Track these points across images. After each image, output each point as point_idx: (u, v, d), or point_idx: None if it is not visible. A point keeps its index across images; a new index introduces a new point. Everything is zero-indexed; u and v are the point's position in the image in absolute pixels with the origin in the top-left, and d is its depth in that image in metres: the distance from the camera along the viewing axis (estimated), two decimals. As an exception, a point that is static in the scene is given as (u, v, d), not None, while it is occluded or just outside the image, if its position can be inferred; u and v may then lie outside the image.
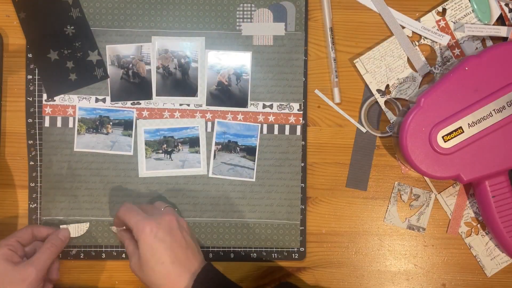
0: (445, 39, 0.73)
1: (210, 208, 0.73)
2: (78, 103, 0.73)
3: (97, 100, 0.73)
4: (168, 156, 0.73)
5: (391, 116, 0.74)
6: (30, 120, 0.73)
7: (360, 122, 0.74)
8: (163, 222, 0.63)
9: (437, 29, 0.73)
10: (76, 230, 0.73)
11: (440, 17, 0.73)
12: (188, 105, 0.73)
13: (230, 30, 0.73)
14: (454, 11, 0.73)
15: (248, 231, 0.73)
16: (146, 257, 0.62)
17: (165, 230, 0.62)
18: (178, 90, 0.73)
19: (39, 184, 0.73)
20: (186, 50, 0.73)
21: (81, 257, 0.73)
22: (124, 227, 0.68)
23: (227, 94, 0.73)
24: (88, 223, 0.73)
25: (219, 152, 0.73)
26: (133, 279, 0.73)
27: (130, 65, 0.73)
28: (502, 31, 0.72)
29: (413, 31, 0.73)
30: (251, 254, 0.74)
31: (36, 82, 0.73)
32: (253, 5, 0.73)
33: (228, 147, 0.73)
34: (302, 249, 0.73)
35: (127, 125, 0.73)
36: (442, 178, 0.67)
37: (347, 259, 0.74)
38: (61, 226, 0.72)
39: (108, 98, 0.73)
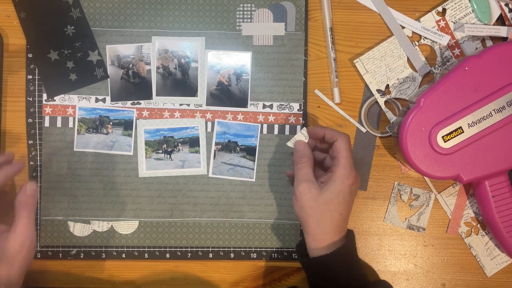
0: (445, 39, 0.73)
1: (210, 208, 0.73)
2: (78, 103, 0.73)
3: (97, 100, 0.73)
4: (168, 156, 0.73)
5: (391, 116, 0.74)
6: (30, 120, 0.73)
7: (360, 122, 0.74)
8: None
9: (437, 29, 0.73)
10: (81, 230, 0.73)
11: (440, 17, 0.73)
12: (188, 105, 0.73)
13: (230, 30, 0.73)
14: (454, 11, 0.73)
15: (248, 231, 0.73)
16: (334, 198, 0.63)
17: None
18: (178, 90, 0.73)
19: (39, 184, 0.73)
20: (186, 50, 0.73)
21: (81, 257, 0.73)
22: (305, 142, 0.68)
23: (227, 94, 0.73)
24: (93, 225, 0.73)
25: (219, 152, 0.73)
26: (133, 279, 0.73)
27: (130, 65, 0.73)
28: (502, 31, 0.72)
29: (413, 31, 0.73)
30: (251, 254, 0.74)
31: (36, 82, 0.73)
32: (253, 5, 0.73)
33: (228, 147, 0.73)
34: (302, 249, 0.74)
35: (127, 125, 0.73)
36: (442, 178, 0.67)
37: (347, 259, 0.74)
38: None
39: (108, 98, 0.73)
